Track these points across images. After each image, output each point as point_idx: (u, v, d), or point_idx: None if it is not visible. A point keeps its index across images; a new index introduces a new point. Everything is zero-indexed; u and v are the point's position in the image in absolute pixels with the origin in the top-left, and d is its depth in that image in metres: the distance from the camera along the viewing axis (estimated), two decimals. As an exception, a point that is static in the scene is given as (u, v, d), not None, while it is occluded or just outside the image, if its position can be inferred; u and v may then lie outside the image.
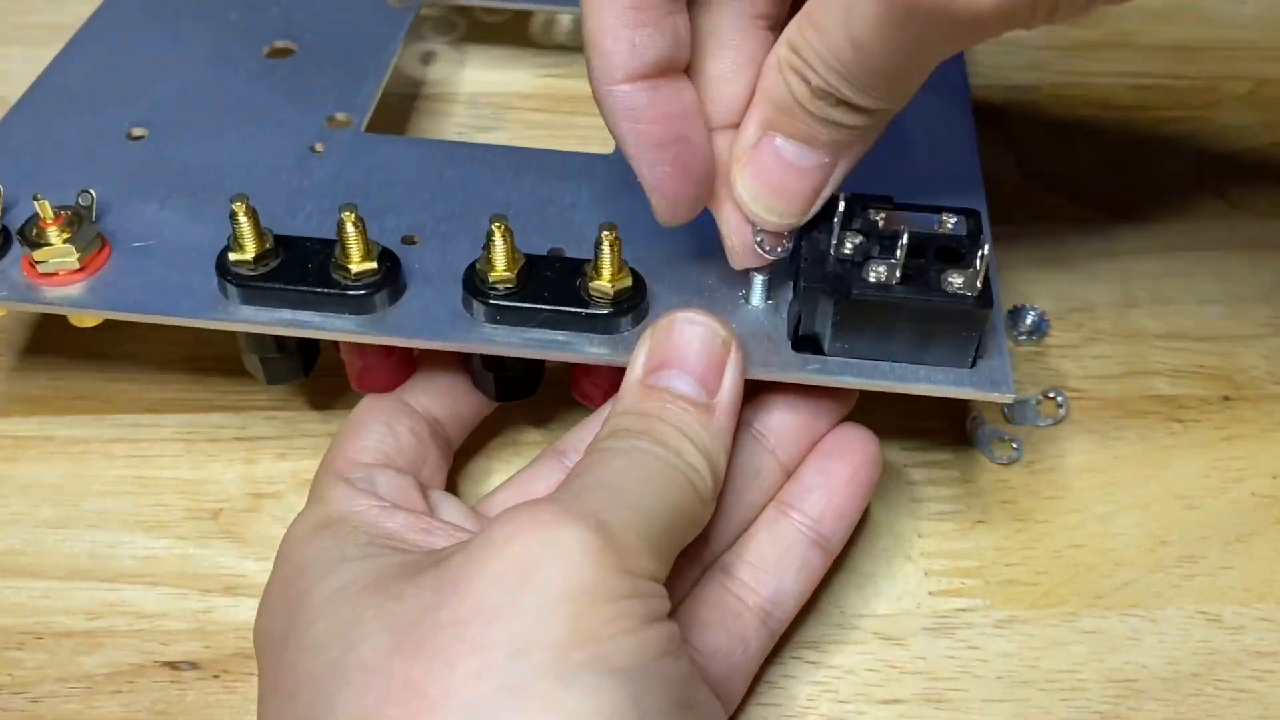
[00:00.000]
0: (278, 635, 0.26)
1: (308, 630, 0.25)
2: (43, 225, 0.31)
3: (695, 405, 0.28)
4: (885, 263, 0.29)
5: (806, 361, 0.30)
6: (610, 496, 0.25)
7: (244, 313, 0.31)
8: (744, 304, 0.32)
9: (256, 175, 0.35)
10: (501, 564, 0.23)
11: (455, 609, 0.23)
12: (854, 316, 0.29)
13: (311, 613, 0.25)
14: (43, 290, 0.31)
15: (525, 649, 0.22)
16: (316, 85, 0.39)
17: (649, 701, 0.23)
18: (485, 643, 0.22)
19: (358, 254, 0.30)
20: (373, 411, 0.32)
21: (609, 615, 0.23)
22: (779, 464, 0.31)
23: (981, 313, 0.29)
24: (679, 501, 0.26)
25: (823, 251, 0.30)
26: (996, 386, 0.30)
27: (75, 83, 0.39)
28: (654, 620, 0.24)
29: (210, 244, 0.32)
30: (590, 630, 0.23)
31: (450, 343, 0.31)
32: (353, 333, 0.31)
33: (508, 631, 0.22)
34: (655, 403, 0.28)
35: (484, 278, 0.31)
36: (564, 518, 0.24)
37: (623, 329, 0.31)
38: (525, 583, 0.23)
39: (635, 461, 0.26)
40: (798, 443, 0.32)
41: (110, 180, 0.35)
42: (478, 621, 0.23)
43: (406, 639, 0.23)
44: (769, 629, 0.30)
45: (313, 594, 0.26)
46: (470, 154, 0.37)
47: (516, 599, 0.23)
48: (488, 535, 0.24)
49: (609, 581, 0.23)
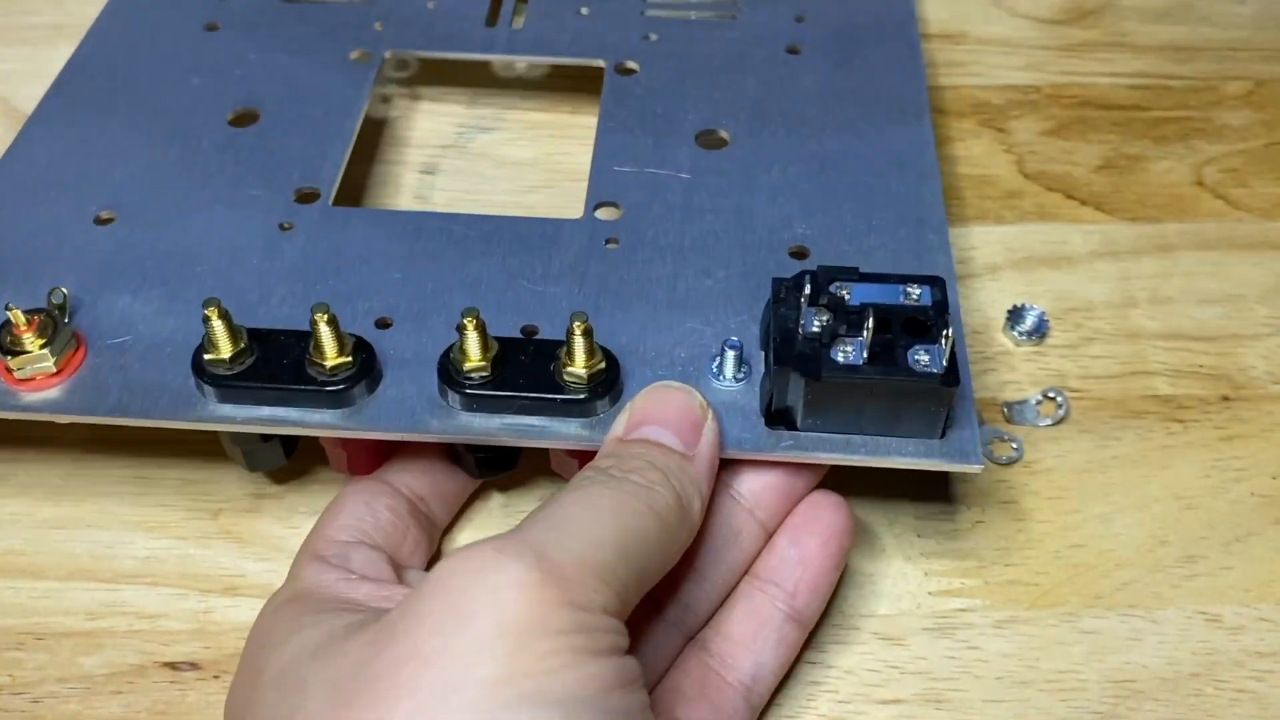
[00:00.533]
0: (238, 712, 0.26)
1: (260, 702, 0.25)
2: (16, 333, 0.31)
3: (672, 451, 0.28)
4: (853, 341, 0.29)
5: (780, 439, 0.31)
6: (554, 529, 0.25)
7: (222, 411, 0.31)
8: (717, 379, 0.32)
9: (226, 260, 0.35)
10: (436, 609, 0.23)
11: (388, 658, 0.23)
12: (824, 396, 0.29)
13: (264, 685, 0.25)
14: (20, 395, 0.31)
15: (457, 687, 0.22)
16: (282, 155, 0.38)
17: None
18: (417, 685, 0.22)
19: (332, 350, 0.30)
20: (354, 492, 0.32)
21: (547, 649, 0.22)
22: (759, 524, 0.31)
23: (947, 391, 0.29)
24: (637, 527, 0.26)
25: (791, 329, 0.30)
26: (965, 458, 0.30)
27: (38, 166, 0.38)
28: (600, 653, 0.23)
29: (184, 336, 0.32)
30: (526, 666, 0.22)
31: (430, 434, 0.31)
32: (333, 427, 0.31)
33: (440, 672, 0.22)
34: (630, 448, 0.28)
35: (458, 367, 0.30)
36: (499, 557, 0.23)
37: (599, 410, 0.31)
38: (460, 625, 0.23)
39: (588, 494, 0.26)
40: (776, 502, 0.31)
41: (81, 271, 0.34)
42: (410, 666, 0.22)
43: (346, 692, 0.23)
44: (750, 705, 0.30)
45: (267, 667, 0.25)
46: (439, 225, 0.36)
47: (450, 642, 0.22)
48: (423, 584, 0.24)
49: (548, 617, 0.23)
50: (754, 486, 0.31)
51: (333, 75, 0.42)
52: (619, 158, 0.39)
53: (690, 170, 0.38)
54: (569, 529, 0.25)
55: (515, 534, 0.24)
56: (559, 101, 0.48)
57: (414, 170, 0.45)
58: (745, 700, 0.30)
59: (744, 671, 0.30)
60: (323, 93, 0.41)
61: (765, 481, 0.31)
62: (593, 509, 0.25)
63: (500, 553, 0.23)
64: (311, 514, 0.35)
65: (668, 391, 0.29)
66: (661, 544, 0.26)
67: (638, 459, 0.27)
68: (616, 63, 0.43)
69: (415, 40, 0.44)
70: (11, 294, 0.33)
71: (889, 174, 0.38)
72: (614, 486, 0.26)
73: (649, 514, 0.26)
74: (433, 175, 0.45)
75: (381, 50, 0.43)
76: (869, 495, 0.36)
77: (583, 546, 0.24)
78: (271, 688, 0.25)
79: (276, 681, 0.25)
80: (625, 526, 0.25)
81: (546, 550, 0.24)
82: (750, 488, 0.31)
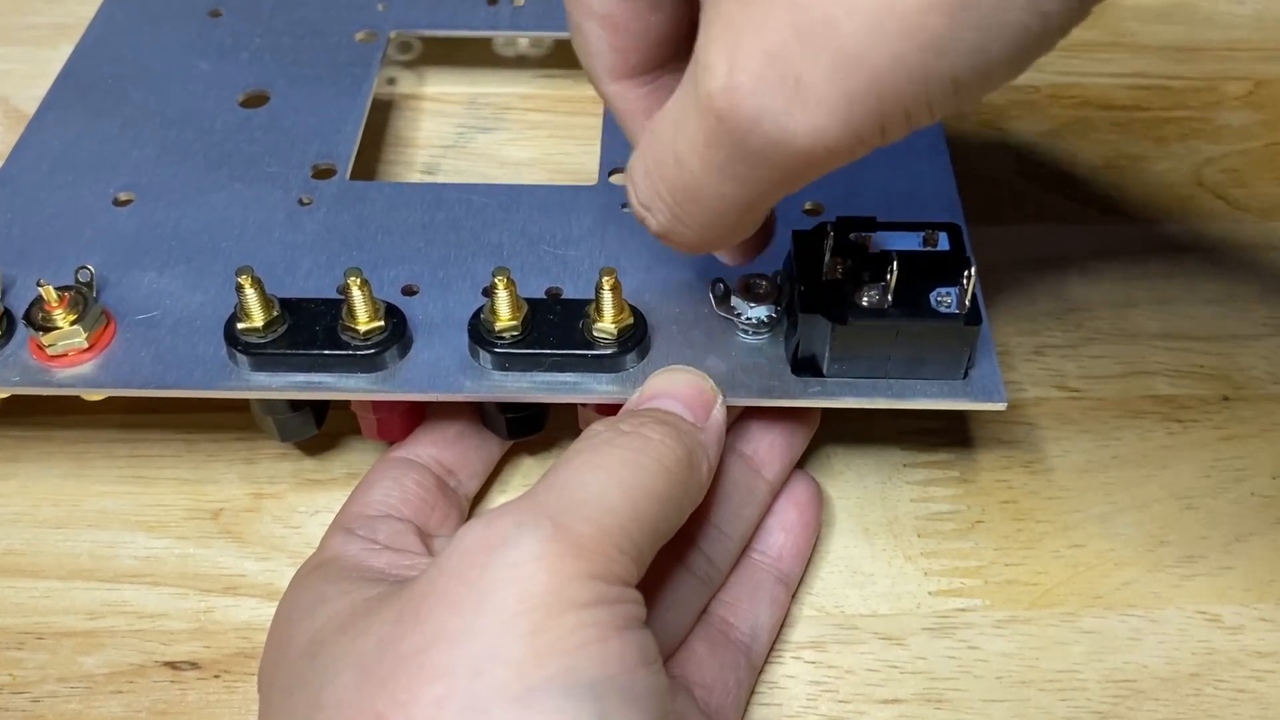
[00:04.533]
0: (267, 680, 0.26)
1: (290, 672, 0.25)
2: (48, 309, 0.31)
3: (680, 416, 0.28)
4: (877, 286, 0.30)
5: (808, 385, 0.31)
6: (569, 496, 0.24)
7: (257, 379, 0.31)
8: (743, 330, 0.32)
9: (249, 234, 0.35)
10: (458, 588, 0.23)
11: (416, 639, 0.23)
12: (850, 341, 0.30)
13: (292, 656, 0.25)
14: (54, 372, 0.31)
15: (485, 669, 0.22)
16: (296, 133, 0.39)
17: (619, 716, 0.22)
18: (446, 668, 0.22)
19: (365, 314, 0.31)
20: (382, 470, 0.32)
21: (571, 625, 0.22)
22: (767, 483, 0.32)
23: (971, 330, 0.30)
24: (648, 485, 0.25)
25: (814, 278, 0.31)
26: (989, 396, 0.31)
27: (54, 151, 0.38)
28: (623, 628, 0.23)
29: (213, 309, 0.33)
30: (551, 644, 0.22)
31: (464, 394, 0.31)
32: (368, 391, 0.31)
33: (468, 654, 0.22)
34: (641, 412, 0.28)
35: (490, 327, 0.31)
36: (517, 530, 0.23)
37: (628, 365, 0.31)
38: (481, 603, 0.22)
39: (599, 454, 0.26)
40: (780, 460, 0.33)
41: (104, 250, 0.35)
42: (437, 648, 0.22)
43: (373, 674, 0.23)
44: (750, 663, 0.31)
45: (294, 638, 0.26)
46: (457, 195, 0.37)
47: (474, 622, 0.22)
48: (443, 559, 0.24)
49: (570, 590, 0.23)
50: (759, 447, 0.32)
51: (340, 56, 0.42)
52: None
53: None
54: (584, 496, 0.24)
55: (532, 503, 0.24)
56: (559, 101, 0.48)
57: (415, 171, 0.45)
58: (746, 658, 0.31)
59: (744, 631, 0.31)
60: (331, 73, 0.41)
61: (769, 439, 0.32)
62: (605, 470, 0.25)
63: (519, 526, 0.23)
64: (311, 514, 0.35)
65: (679, 372, 0.30)
66: (672, 500, 0.26)
67: (647, 416, 0.28)
68: None
69: (418, 20, 0.44)
70: (37, 273, 0.33)
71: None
72: (623, 444, 0.26)
73: (659, 470, 0.26)
74: (433, 175, 0.45)
75: (386, 30, 0.43)
76: (868, 494, 0.36)
77: (599, 514, 0.24)
78: (300, 661, 0.25)
79: (304, 655, 0.25)
80: (637, 485, 0.25)
81: (564, 519, 0.24)
82: (755, 446, 0.32)
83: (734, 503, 0.32)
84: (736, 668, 0.31)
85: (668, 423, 0.27)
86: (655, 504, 0.25)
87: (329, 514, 0.35)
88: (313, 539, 0.34)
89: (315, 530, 0.35)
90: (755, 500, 0.32)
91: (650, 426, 0.27)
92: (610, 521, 0.24)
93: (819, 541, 0.35)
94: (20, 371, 0.31)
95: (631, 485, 0.25)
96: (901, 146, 0.38)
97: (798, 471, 0.34)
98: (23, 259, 0.34)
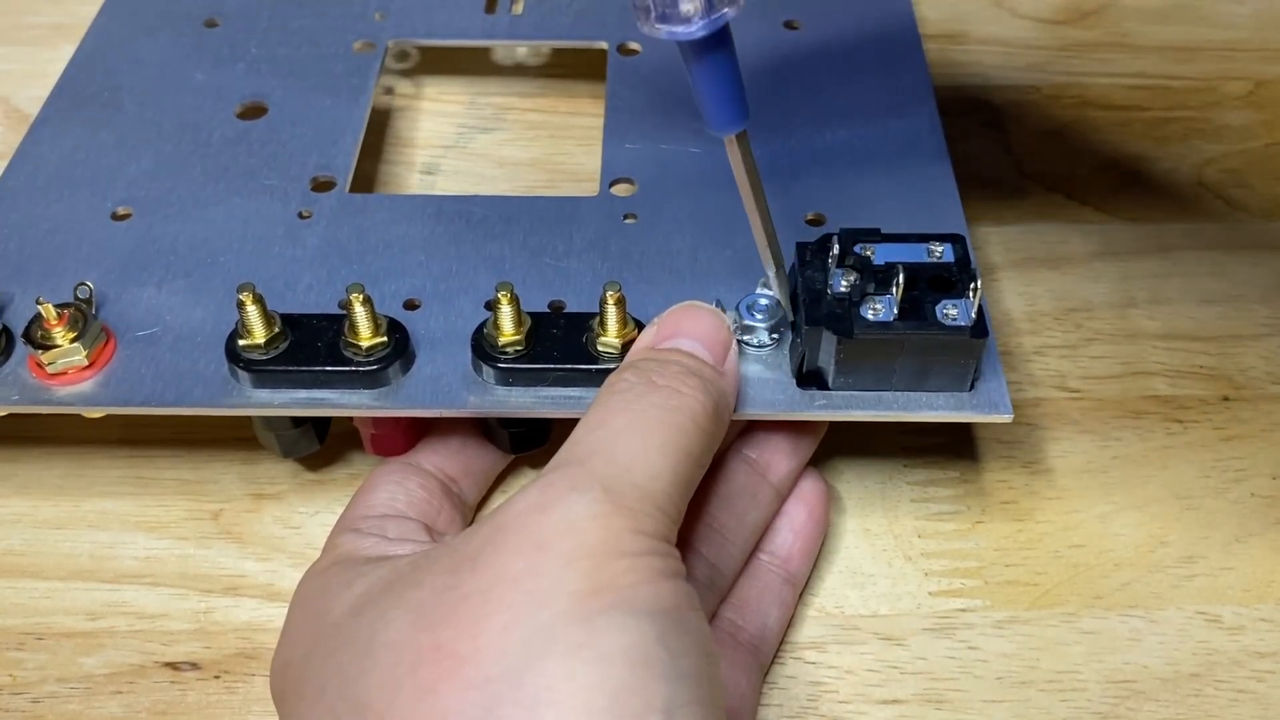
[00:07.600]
0: (300, 656, 0.26)
1: (334, 635, 0.25)
2: (47, 327, 0.31)
3: (703, 361, 0.29)
4: (882, 298, 0.30)
5: (813, 398, 0.31)
6: (617, 461, 0.25)
7: (258, 396, 0.31)
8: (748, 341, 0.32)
9: (249, 249, 0.35)
10: (514, 539, 0.24)
11: (477, 581, 0.23)
12: (856, 353, 0.30)
13: (336, 619, 0.26)
14: (54, 390, 0.31)
15: (549, 600, 0.23)
16: (294, 146, 0.39)
17: (676, 642, 0.23)
18: (510, 602, 0.23)
19: (367, 330, 0.31)
20: (385, 474, 0.32)
21: (626, 567, 0.23)
22: (772, 488, 0.32)
23: (977, 342, 0.30)
24: (684, 444, 0.26)
25: (820, 290, 0.31)
26: (995, 408, 0.31)
27: (50, 165, 0.38)
28: (672, 575, 0.24)
29: (213, 325, 0.32)
30: (610, 580, 0.23)
31: (468, 410, 0.31)
32: (370, 407, 0.31)
33: (530, 589, 0.23)
34: (667, 354, 0.28)
35: (493, 342, 0.31)
36: (571, 493, 0.24)
37: None
38: (540, 550, 0.23)
39: (636, 413, 0.26)
40: (786, 464, 0.33)
41: (103, 266, 0.34)
42: (499, 588, 0.23)
43: (429, 615, 0.24)
44: (759, 664, 0.31)
45: (333, 608, 0.26)
46: (457, 207, 0.37)
47: (535, 564, 0.23)
48: (496, 517, 0.25)
49: (623, 540, 0.24)
50: (765, 451, 0.33)
51: (337, 66, 0.42)
52: (629, 135, 0.39)
53: (700, 145, 0.38)
54: (629, 461, 0.25)
55: (582, 468, 0.25)
56: (559, 101, 0.48)
57: (415, 171, 0.45)
58: (755, 658, 0.31)
59: (752, 633, 0.31)
60: (329, 84, 0.41)
61: (775, 445, 0.33)
62: (646, 434, 0.26)
63: (573, 489, 0.24)
64: (311, 514, 0.35)
65: (699, 310, 0.30)
66: (705, 454, 0.27)
67: (676, 364, 0.28)
68: (619, 43, 0.43)
69: (416, 29, 0.44)
70: (34, 291, 0.33)
71: (899, 146, 0.39)
72: (661, 401, 0.27)
73: (694, 429, 0.27)
74: (433, 175, 0.45)
75: (384, 40, 0.43)
76: (869, 494, 0.36)
77: (645, 479, 0.25)
78: (346, 619, 0.25)
79: (349, 613, 0.25)
80: (677, 447, 0.26)
81: (613, 485, 0.25)
82: (760, 450, 0.32)
83: (739, 507, 0.32)
84: (748, 669, 0.31)
85: (697, 373, 0.28)
86: (690, 463, 0.26)
87: (329, 514, 0.35)
88: (313, 539, 0.34)
89: (315, 530, 0.35)
90: (760, 505, 0.32)
91: (681, 379, 0.27)
92: (654, 486, 0.25)
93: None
94: (20, 389, 0.31)
95: (672, 447, 0.26)
96: (903, 154, 0.38)
97: (808, 470, 0.34)
98: (20, 275, 0.34)
